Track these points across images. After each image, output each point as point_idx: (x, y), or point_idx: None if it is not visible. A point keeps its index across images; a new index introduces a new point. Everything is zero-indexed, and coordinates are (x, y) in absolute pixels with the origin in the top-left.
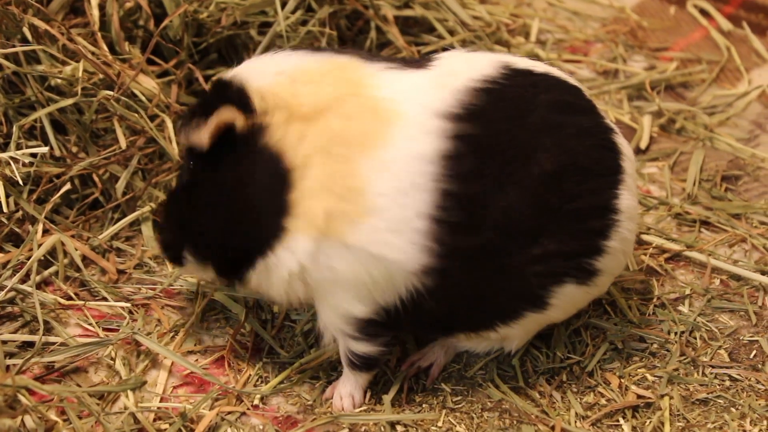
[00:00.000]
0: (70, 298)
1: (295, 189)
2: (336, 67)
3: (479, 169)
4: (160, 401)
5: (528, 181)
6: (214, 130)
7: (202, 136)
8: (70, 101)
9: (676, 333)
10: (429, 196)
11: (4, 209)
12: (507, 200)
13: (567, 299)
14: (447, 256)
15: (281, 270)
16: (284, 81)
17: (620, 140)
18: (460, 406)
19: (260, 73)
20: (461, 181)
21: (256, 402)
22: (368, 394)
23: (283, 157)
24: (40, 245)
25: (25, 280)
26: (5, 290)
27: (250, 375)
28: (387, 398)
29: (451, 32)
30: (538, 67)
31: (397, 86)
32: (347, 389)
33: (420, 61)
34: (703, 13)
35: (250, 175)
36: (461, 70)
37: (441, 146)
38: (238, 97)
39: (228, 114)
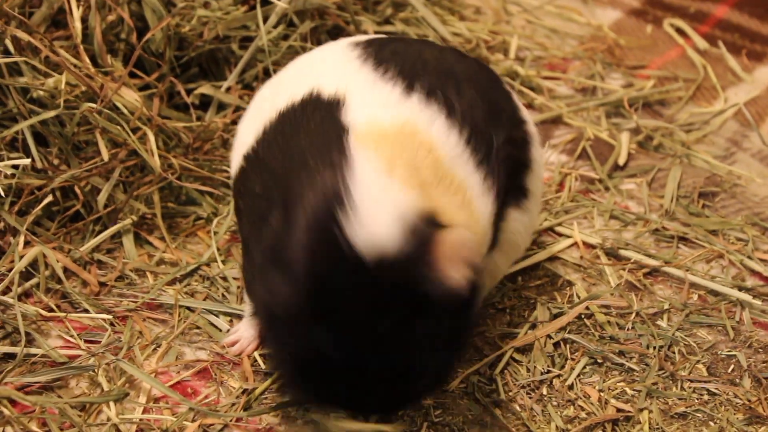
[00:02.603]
0: (51, 310)
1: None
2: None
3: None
4: (143, 413)
5: (477, 116)
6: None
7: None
8: (52, 113)
9: (654, 347)
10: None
11: None
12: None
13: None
14: None
15: None
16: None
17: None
18: (441, 419)
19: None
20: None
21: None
22: None
23: None
24: (21, 257)
25: (6, 291)
26: None
27: (233, 388)
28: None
29: None
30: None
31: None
32: None
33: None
34: (680, 32)
35: None
36: (347, 58)
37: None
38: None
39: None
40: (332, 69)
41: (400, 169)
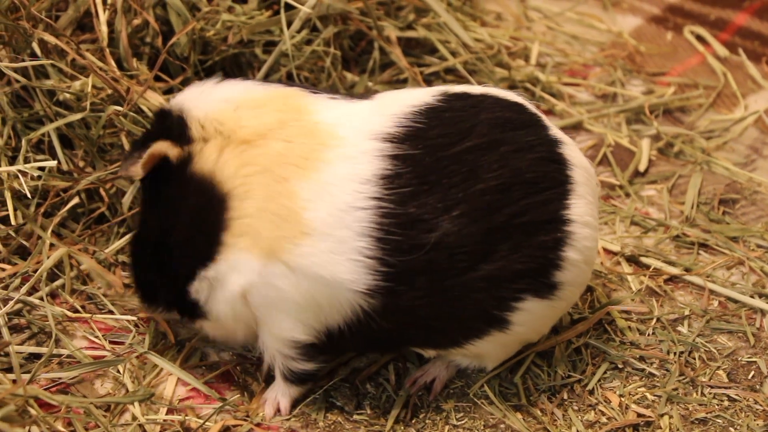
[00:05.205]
0: (76, 311)
1: (232, 210)
2: (281, 95)
3: (420, 189)
4: (167, 413)
5: (473, 200)
6: (147, 162)
7: (136, 168)
8: (78, 116)
9: (675, 353)
10: (367, 216)
11: (12, 222)
12: (452, 220)
13: (531, 316)
14: (392, 276)
15: (227, 288)
16: (228, 108)
17: (568, 151)
18: (462, 422)
19: (204, 101)
20: (400, 200)
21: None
22: (368, 408)
23: (217, 181)
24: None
25: (31, 292)
26: (13, 301)
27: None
28: (391, 417)
29: (453, 54)
30: (475, 89)
31: (337, 112)
32: (274, 395)
33: (365, 95)
34: (700, 39)
35: (182, 201)
36: (402, 98)
37: (378, 166)
38: (176, 127)
39: (160, 147)
40: (400, 93)
41: (242, 156)
